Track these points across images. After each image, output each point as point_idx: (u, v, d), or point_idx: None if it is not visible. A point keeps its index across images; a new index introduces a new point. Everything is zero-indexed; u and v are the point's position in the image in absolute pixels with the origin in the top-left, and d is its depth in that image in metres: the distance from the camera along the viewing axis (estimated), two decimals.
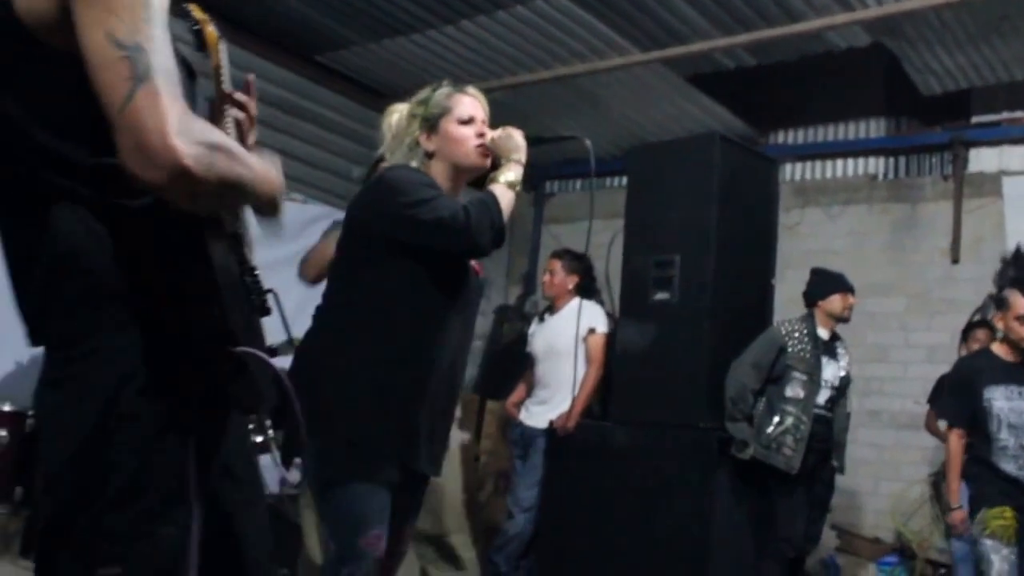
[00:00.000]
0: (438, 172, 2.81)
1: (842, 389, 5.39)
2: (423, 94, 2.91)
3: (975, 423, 4.83)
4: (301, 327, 5.72)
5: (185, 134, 1.37)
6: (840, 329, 5.49)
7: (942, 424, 5.28)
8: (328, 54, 7.18)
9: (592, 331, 5.88)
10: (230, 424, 1.68)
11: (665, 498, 5.21)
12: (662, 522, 5.18)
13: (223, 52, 1.81)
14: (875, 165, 7.50)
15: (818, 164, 7.74)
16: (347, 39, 6.86)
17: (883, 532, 6.81)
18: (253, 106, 1.87)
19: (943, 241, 6.96)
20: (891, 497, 5.23)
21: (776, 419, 5.13)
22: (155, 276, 1.51)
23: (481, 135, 2.82)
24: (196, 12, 1.80)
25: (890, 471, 5.33)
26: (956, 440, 4.90)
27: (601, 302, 6.49)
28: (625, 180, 6.28)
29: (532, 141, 2.86)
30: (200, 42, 1.78)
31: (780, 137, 7.93)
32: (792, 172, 7.80)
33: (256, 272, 1.72)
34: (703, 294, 5.33)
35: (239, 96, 1.85)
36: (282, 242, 8.26)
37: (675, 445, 5.27)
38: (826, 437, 5.28)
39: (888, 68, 6.64)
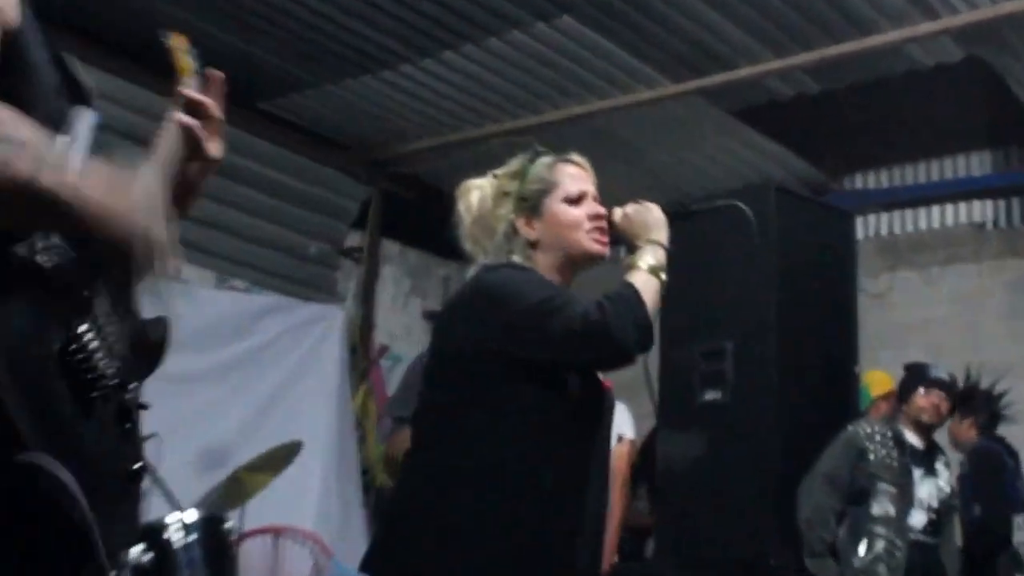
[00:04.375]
0: (545, 266, 2.72)
1: (946, 513, 5.33)
2: (515, 165, 2.82)
3: None
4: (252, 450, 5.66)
5: None
6: None
7: None
8: (276, 100, 7.20)
9: (619, 439, 5.84)
10: None
11: None
12: None
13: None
14: (981, 211, 7.48)
15: (908, 213, 7.73)
16: (298, 81, 6.90)
17: None
18: (214, 107, 1.89)
19: None
20: None
21: (864, 545, 5.08)
22: None
23: (597, 216, 2.75)
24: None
25: None
26: None
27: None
28: None
29: (677, 215, 2.82)
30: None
31: (858, 182, 7.92)
32: (876, 226, 7.79)
33: (98, 357, 1.62)
34: (765, 391, 5.31)
35: (191, 95, 1.87)
36: (224, 342, 8.28)
37: None
38: (931, 570, 5.22)
39: (990, 87, 6.65)
